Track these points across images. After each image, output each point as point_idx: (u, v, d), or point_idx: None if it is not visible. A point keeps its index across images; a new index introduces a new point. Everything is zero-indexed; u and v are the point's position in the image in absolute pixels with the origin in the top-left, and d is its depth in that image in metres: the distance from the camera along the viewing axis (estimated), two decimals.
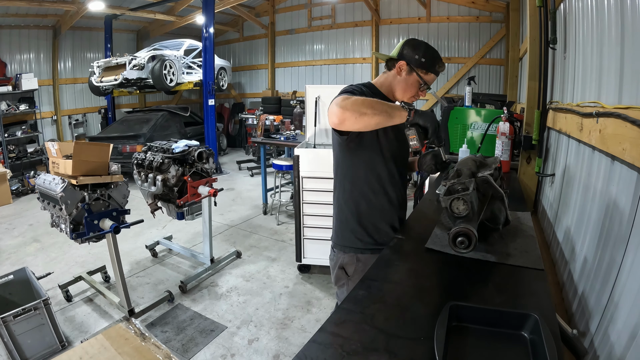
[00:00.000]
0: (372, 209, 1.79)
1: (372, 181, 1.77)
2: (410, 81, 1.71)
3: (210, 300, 3.39)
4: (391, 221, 1.82)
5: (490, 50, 7.89)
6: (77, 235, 2.91)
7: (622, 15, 1.35)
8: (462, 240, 1.31)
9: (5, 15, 7.39)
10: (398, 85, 1.74)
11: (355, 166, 1.77)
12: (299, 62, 10.44)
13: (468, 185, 1.38)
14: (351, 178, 1.79)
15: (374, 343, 0.99)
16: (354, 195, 1.79)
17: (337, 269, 1.90)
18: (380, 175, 1.77)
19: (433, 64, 1.69)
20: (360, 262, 1.80)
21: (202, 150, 3.59)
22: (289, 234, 4.84)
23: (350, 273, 1.85)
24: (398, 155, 1.81)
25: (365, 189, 1.78)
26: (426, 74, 1.70)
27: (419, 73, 1.68)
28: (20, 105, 7.76)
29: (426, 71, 1.69)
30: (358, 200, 1.79)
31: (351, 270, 1.84)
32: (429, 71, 1.70)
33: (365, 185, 1.77)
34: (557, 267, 1.98)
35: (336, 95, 1.55)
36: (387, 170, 1.77)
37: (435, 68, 1.70)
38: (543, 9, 2.37)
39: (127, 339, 2.05)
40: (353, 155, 1.75)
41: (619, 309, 1.19)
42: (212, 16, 7.70)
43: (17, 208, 6.15)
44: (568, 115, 1.91)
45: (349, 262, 1.84)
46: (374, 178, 1.77)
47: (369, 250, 1.79)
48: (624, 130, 1.18)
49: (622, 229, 1.24)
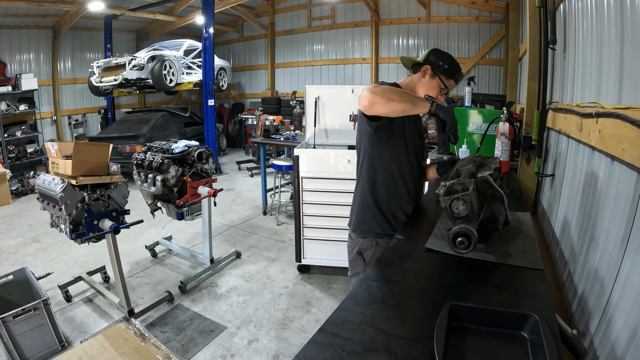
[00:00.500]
0: (392, 197, 1.95)
1: (395, 171, 1.93)
2: (433, 84, 1.88)
3: (210, 301, 3.39)
4: (407, 210, 1.98)
5: (490, 50, 7.90)
6: (76, 235, 2.91)
7: (621, 16, 1.35)
8: (462, 241, 1.32)
9: (5, 16, 7.39)
10: (421, 87, 1.91)
11: (382, 156, 1.92)
12: (298, 63, 10.44)
13: (468, 185, 1.39)
14: (377, 167, 1.94)
15: (373, 343, 0.99)
16: (378, 183, 1.95)
17: (355, 254, 2.05)
18: (403, 166, 1.93)
19: (454, 72, 1.88)
20: (379, 246, 1.96)
21: (201, 151, 3.59)
22: (288, 234, 4.84)
23: (368, 259, 2.01)
24: (418, 150, 1.99)
25: (389, 178, 1.94)
26: (447, 80, 1.88)
27: (441, 77, 1.86)
28: (20, 105, 7.76)
29: (447, 77, 1.87)
30: (381, 188, 1.95)
31: (369, 255, 2.00)
32: (450, 77, 1.88)
33: (388, 175, 1.93)
34: (557, 267, 1.98)
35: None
36: (409, 162, 1.94)
37: (456, 76, 1.89)
38: (543, 9, 2.37)
39: (126, 340, 2.05)
40: (381, 145, 1.90)
41: (619, 309, 1.19)
42: (211, 16, 7.70)
43: (16, 208, 6.15)
44: (568, 115, 1.91)
45: (368, 247, 2.00)
46: (396, 168, 1.93)
47: (387, 235, 1.93)
48: (623, 131, 1.18)
49: (622, 229, 1.24)
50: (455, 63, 1.89)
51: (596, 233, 1.48)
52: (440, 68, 1.86)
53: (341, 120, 4.01)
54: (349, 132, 3.99)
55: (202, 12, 7.71)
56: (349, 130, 3.98)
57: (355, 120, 3.89)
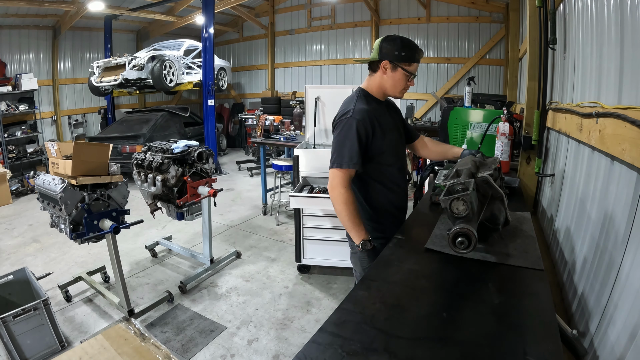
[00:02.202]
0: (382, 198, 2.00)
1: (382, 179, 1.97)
2: (397, 77, 1.82)
3: (210, 301, 3.39)
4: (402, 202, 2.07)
5: (490, 50, 7.89)
6: (76, 235, 2.91)
7: (621, 16, 1.35)
8: (461, 241, 1.32)
9: (5, 16, 7.39)
10: (387, 83, 1.86)
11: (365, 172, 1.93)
12: (298, 63, 10.44)
13: (467, 185, 1.39)
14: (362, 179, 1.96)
15: (373, 343, 0.99)
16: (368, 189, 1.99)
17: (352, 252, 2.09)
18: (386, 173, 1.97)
19: (413, 54, 1.79)
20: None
21: (201, 151, 3.59)
22: (288, 235, 4.84)
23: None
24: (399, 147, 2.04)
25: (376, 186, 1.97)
26: (409, 65, 1.80)
27: (403, 67, 1.79)
28: (20, 105, 7.76)
29: (409, 63, 1.79)
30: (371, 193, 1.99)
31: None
32: (412, 62, 1.80)
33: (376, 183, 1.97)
34: (557, 268, 1.98)
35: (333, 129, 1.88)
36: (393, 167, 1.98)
37: (416, 57, 1.80)
38: (543, 9, 2.38)
39: (126, 339, 2.05)
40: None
41: (619, 310, 1.19)
42: (211, 16, 7.70)
43: (16, 208, 6.15)
44: (568, 115, 1.91)
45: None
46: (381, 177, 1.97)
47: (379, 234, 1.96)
48: (623, 131, 1.18)
49: (622, 229, 1.24)
50: (409, 44, 1.78)
51: (596, 233, 1.48)
52: (397, 57, 1.77)
53: None
54: None
55: (202, 12, 7.71)
56: None
57: None
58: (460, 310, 1.17)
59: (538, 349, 0.96)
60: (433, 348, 1.00)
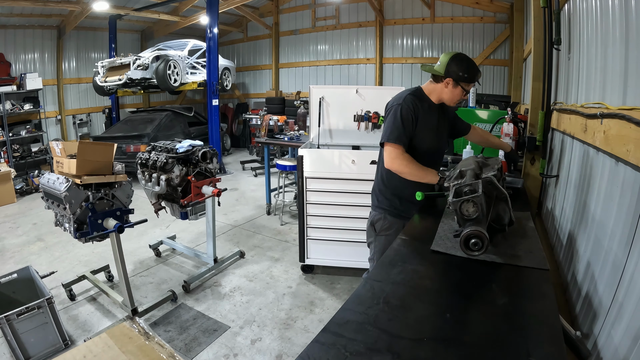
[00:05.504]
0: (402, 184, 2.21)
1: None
2: (456, 92, 2.12)
3: (214, 300, 3.40)
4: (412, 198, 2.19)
5: (495, 50, 7.86)
6: (80, 234, 2.92)
7: (626, 16, 1.35)
8: (475, 242, 1.32)
9: (10, 15, 7.43)
10: (446, 96, 2.16)
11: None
12: (302, 63, 10.44)
13: (476, 187, 1.38)
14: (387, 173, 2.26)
15: (377, 344, 0.99)
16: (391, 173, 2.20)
17: (369, 225, 2.44)
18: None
19: (474, 76, 2.08)
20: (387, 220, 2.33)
21: (206, 150, 3.59)
22: (292, 234, 4.84)
23: (378, 229, 2.37)
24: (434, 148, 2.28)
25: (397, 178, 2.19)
26: (467, 85, 2.10)
27: (462, 86, 2.09)
28: (25, 104, 7.79)
29: (468, 83, 2.09)
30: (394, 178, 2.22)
31: (379, 226, 2.36)
32: (471, 82, 2.10)
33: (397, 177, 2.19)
34: (561, 269, 1.98)
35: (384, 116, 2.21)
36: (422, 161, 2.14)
37: (475, 78, 2.10)
38: (547, 10, 2.37)
39: (131, 338, 2.06)
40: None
41: (623, 311, 1.19)
42: (216, 16, 7.71)
43: (21, 207, 6.19)
44: (572, 116, 1.91)
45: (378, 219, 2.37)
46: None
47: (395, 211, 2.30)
48: (628, 132, 1.18)
49: (627, 230, 1.23)
50: (473, 68, 2.07)
51: (600, 234, 1.47)
52: (460, 78, 2.05)
53: (345, 120, 4.00)
54: (353, 133, 3.98)
55: (206, 12, 7.72)
56: (353, 131, 3.97)
57: (359, 121, 3.90)
58: (464, 311, 1.17)
59: (542, 350, 0.96)
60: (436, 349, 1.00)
